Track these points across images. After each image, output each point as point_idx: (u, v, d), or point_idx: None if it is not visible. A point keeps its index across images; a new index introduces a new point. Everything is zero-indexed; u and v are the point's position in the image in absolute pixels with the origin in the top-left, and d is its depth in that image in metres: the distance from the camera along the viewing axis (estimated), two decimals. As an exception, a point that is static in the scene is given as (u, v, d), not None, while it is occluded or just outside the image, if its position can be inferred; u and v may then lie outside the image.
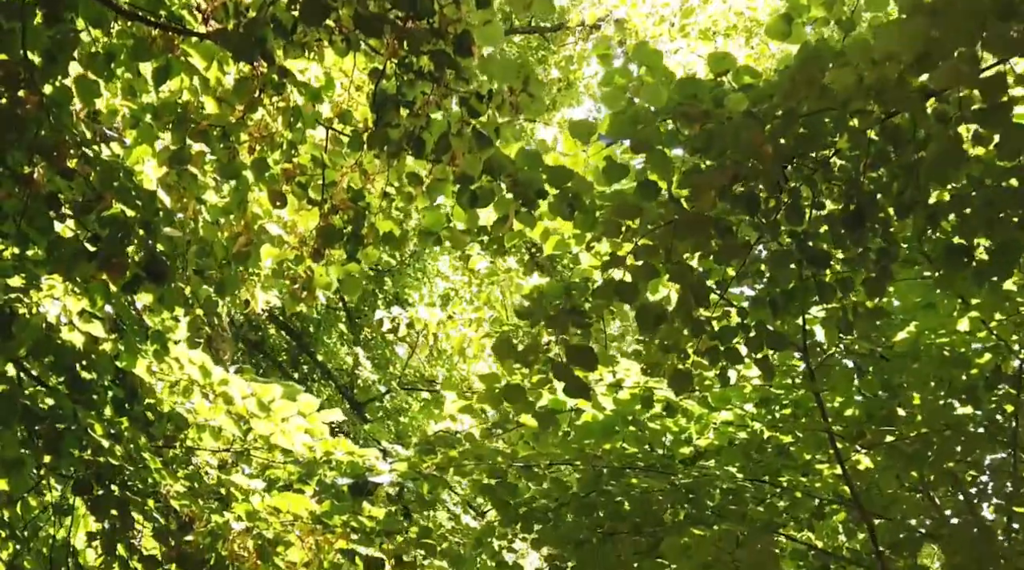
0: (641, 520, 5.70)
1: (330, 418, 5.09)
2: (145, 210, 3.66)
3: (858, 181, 4.03)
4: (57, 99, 3.59)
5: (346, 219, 3.98)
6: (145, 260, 3.62)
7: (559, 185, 3.67)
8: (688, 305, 4.19)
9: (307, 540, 4.74)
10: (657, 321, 4.08)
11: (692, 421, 5.44)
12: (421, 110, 3.29)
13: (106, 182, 3.58)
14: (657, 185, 4.02)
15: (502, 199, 3.76)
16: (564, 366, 3.67)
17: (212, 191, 4.66)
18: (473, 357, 10.00)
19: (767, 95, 3.81)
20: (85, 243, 3.68)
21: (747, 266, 4.40)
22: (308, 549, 4.75)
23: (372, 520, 4.78)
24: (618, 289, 4.04)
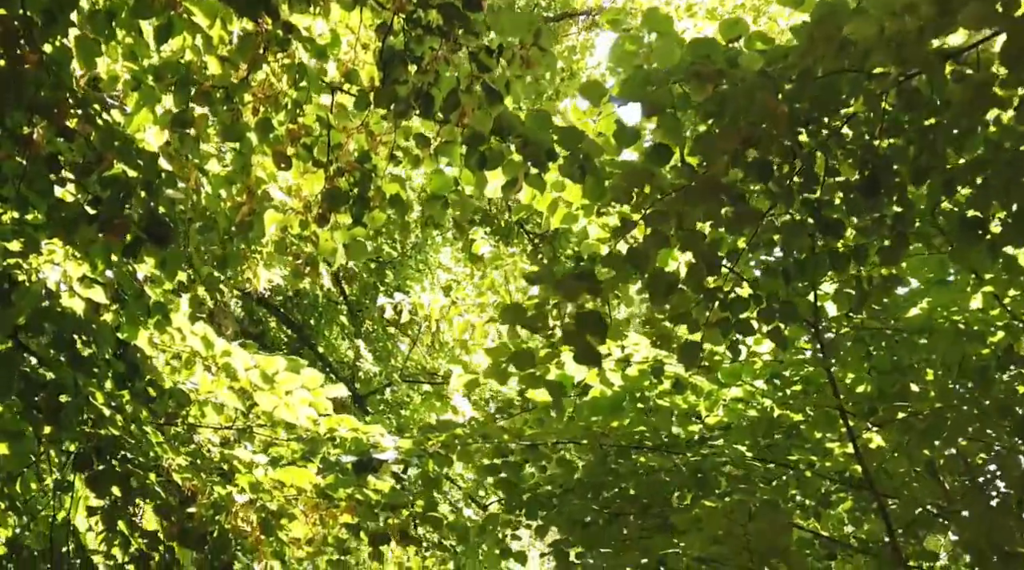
0: (648, 501, 5.64)
1: (334, 393, 5.02)
2: (147, 171, 3.59)
3: (873, 146, 3.97)
4: (57, 58, 3.53)
5: (352, 182, 3.91)
6: (146, 222, 3.55)
7: (570, 146, 3.60)
8: (699, 274, 4.13)
9: (311, 515, 4.68)
10: (668, 289, 4.02)
11: (701, 397, 5.37)
12: (429, 66, 3.22)
13: (106, 142, 3.51)
14: (668, 149, 3.96)
15: (511, 162, 3.69)
16: (574, 332, 3.60)
17: (215, 161, 4.59)
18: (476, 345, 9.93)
19: (782, 55, 3.74)
20: (85, 206, 3.61)
21: (759, 235, 4.33)
22: (312, 524, 4.68)
23: (377, 494, 4.71)
24: (629, 256, 3.97)
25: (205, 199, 4.46)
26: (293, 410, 4.75)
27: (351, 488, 4.66)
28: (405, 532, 4.70)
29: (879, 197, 4.05)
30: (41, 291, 3.99)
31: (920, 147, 3.91)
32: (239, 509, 4.57)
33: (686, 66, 3.68)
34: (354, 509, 4.60)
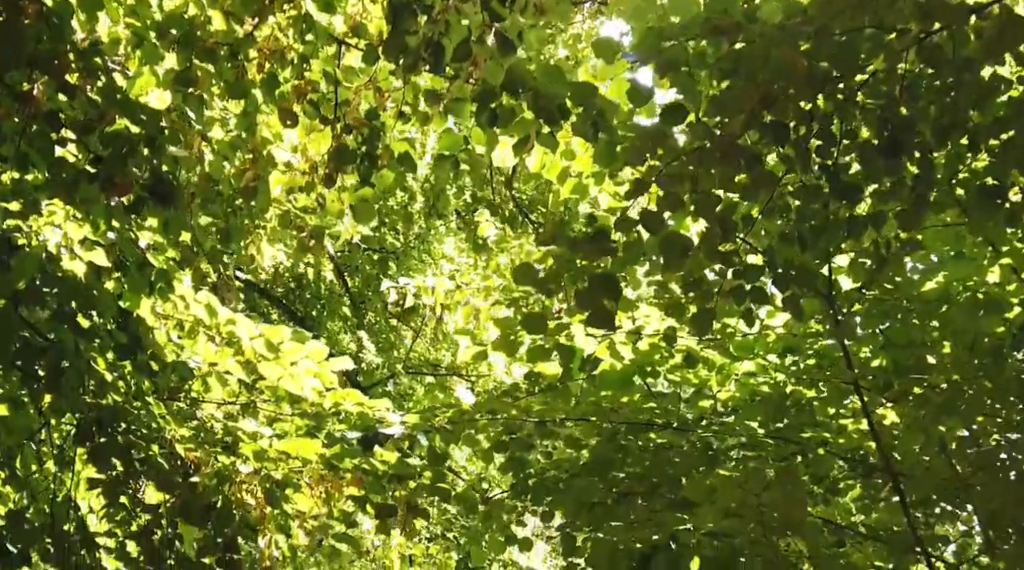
0: (658, 480, 5.56)
1: (340, 366, 4.94)
2: (150, 127, 3.51)
3: (893, 107, 3.89)
4: (57, 11, 3.45)
5: (360, 140, 3.83)
6: (149, 181, 3.47)
7: (584, 102, 3.52)
8: (714, 239, 4.05)
9: (316, 489, 4.60)
10: (682, 253, 3.94)
11: (713, 371, 5.29)
12: (440, 16, 3.14)
13: (108, 96, 3.43)
14: (683, 109, 3.88)
15: (523, 119, 3.61)
16: (588, 293, 3.52)
17: (218, 126, 4.52)
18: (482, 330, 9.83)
19: (800, 10, 3.66)
20: (87, 165, 3.53)
21: (774, 201, 4.25)
22: (317, 497, 4.61)
23: (384, 464, 4.63)
24: (642, 219, 3.89)
25: (209, 166, 4.38)
26: (298, 381, 4.67)
27: (357, 459, 4.58)
28: (412, 504, 4.62)
29: (899, 159, 3.97)
30: (41, 255, 3.92)
31: (942, 107, 3.83)
32: (244, 479, 4.48)
33: (702, 21, 3.60)
34: (360, 480, 4.52)
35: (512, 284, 5.20)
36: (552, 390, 5.87)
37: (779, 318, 5.28)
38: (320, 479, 4.65)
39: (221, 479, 4.48)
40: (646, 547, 5.21)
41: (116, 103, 3.42)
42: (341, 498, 4.69)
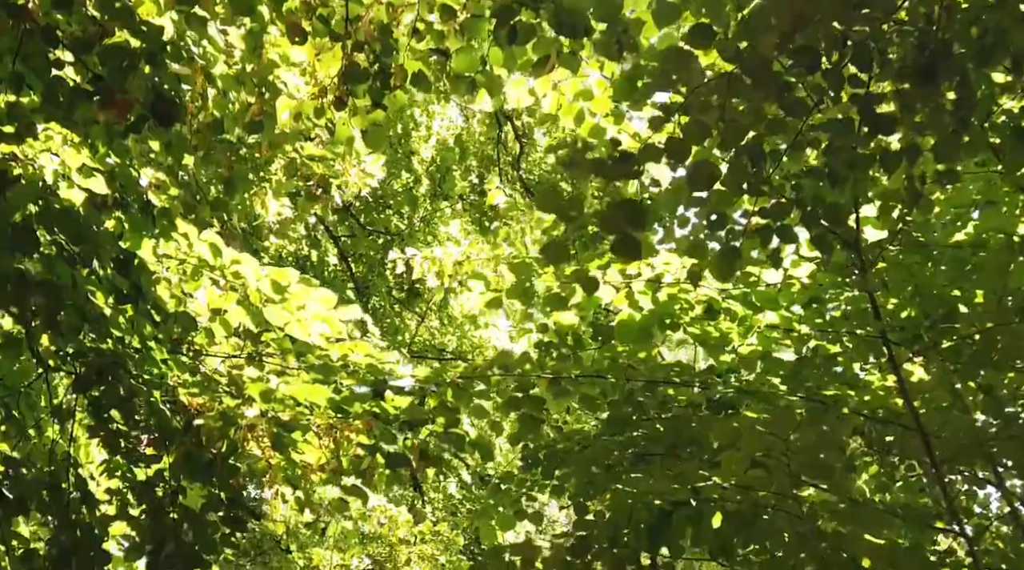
0: (676, 440, 5.40)
1: (348, 315, 4.78)
2: (151, 41, 3.35)
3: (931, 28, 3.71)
4: (52, -80, 3.29)
5: (371, 58, 3.67)
6: (151, 99, 3.32)
7: (607, 18, 3.35)
8: (742, 170, 3.89)
9: (325, 439, 4.44)
10: (710, 181, 3.77)
11: (735, 323, 5.12)
12: (457, -81, 2.98)
13: (106, 6, 3.27)
14: (711, 30, 3.71)
15: (543, 38, 3.45)
16: (613, 217, 3.35)
17: (222, 63, 4.35)
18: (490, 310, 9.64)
19: (836, -77, 3.49)
20: (85, 85, 3.37)
21: (803, 134, 4.08)
22: (326, 447, 4.45)
23: (396, 409, 4.47)
24: (667, 147, 3.73)
25: (212, 103, 4.22)
26: (305, 326, 4.51)
27: (368, 403, 4.42)
28: (424, 452, 4.47)
29: (936, 86, 3.79)
30: (37, 184, 3.76)
31: (984, 27, 3.65)
32: (250, 423, 4.32)
33: (732, -67, 3.44)
34: (371, 424, 4.36)
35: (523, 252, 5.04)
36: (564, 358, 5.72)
37: (804, 268, 5.11)
38: (328, 429, 4.49)
39: (226, 422, 4.31)
40: (665, 503, 5.06)
41: (116, 14, 3.25)
42: (351, 447, 4.53)
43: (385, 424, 4.37)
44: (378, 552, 11.00)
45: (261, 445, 4.47)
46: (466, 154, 19.22)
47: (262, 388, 4.39)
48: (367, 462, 4.51)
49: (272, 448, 4.43)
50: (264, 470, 4.60)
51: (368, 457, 4.50)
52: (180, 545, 4.61)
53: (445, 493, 16.18)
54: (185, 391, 4.44)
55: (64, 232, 3.82)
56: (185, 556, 4.58)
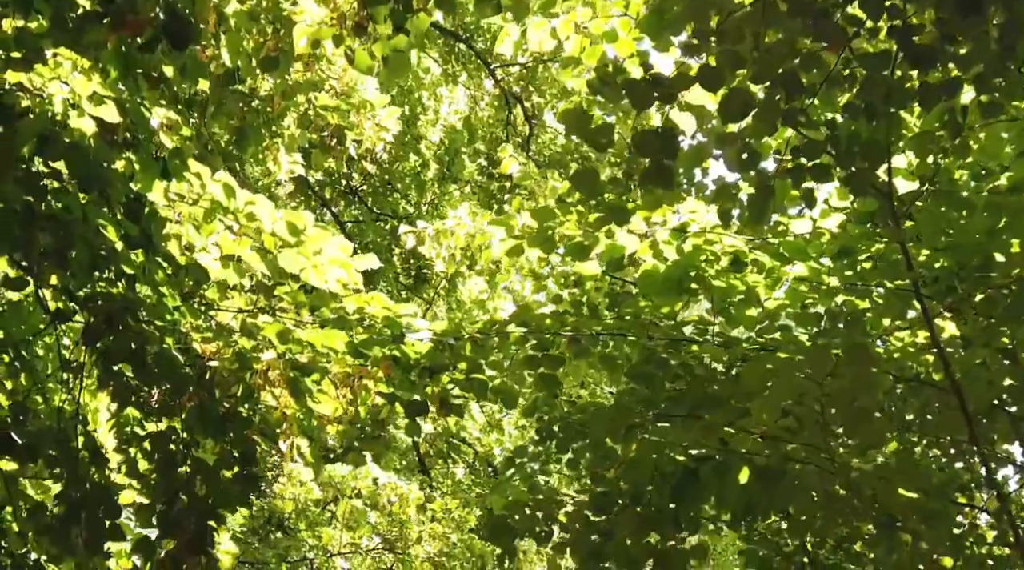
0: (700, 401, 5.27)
1: (365, 265, 4.66)
2: (164, -42, 3.25)
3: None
4: None
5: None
6: (164, 18, 3.20)
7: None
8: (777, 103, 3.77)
9: (341, 388, 4.33)
10: (743, 111, 3.65)
11: (763, 275, 4.99)
12: None
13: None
14: (746, -47, 3.59)
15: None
16: (648, 141, 3.24)
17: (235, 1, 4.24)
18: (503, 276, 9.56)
19: None
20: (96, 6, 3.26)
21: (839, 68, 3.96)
22: (343, 397, 4.34)
23: (416, 353, 4.35)
24: (700, 76, 3.61)
25: (226, 41, 4.11)
26: (322, 272, 4.39)
27: (387, 348, 4.30)
28: (445, 400, 4.35)
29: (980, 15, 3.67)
30: (47, 114, 3.65)
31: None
32: (267, 366, 4.20)
33: None
34: (390, 368, 4.25)
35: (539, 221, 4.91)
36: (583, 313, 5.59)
37: (833, 219, 4.99)
38: (345, 378, 4.37)
39: (242, 364, 4.20)
40: (689, 461, 4.95)
41: (128, -72, 3.15)
42: (369, 396, 4.42)
43: (405, 371, 4.26)
44: (388, 530, 10.91)
45: (276, 394, 4.36)
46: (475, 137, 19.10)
47: (279, 328, 4.27)
48: (385, 411, 4.40)
49: (289, 394, 4.31)
50: (279, 421, 4.49)
51: (387, 406, 4.39)
52: (193, 499, 4.51)
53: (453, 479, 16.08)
54: (199, 336, 4.32)
55: (74, 167, 3.71)
56: (198, 510, 4.48)
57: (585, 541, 4.81)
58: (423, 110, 18.57)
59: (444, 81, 18.17)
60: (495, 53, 16.20)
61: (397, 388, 4.36)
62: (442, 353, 4.30)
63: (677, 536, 4.98)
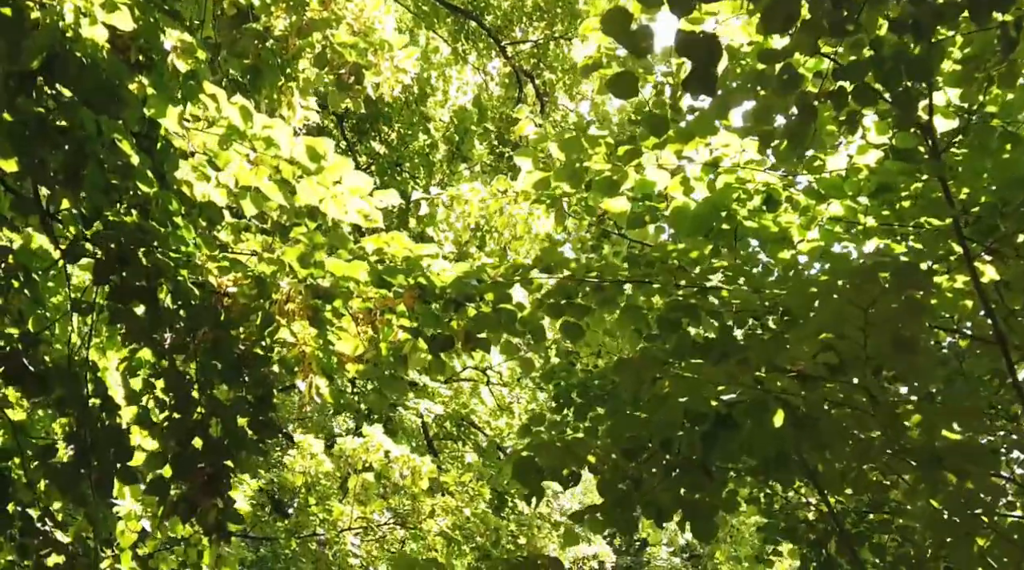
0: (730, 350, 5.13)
1: (386, 201, 4.52)
2: None
3: None
4: None
5: None
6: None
7: None
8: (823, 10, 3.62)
9: (362, 323, 4.19)
10: (787, 22, 3.50)
11: (797, 213, 4.84)
12: None
13: None
14: None
15: None
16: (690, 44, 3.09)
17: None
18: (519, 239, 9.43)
19: None
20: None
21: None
22: (364, 334, 4.20)
23: (441, 280, 4.20)
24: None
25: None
26: (342, 203, 4.25)
27: (412, 276, 4.15)
28: (471, 334, 4.21)
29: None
30: (58, 24, 3.51)
31: None
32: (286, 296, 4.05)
33: None
34: (414, 296, 4.10)
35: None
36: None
37: (871, 155, 4.84)
38: (367, 314, 4.23)
39: (261, 291, 4.04)
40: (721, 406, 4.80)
41: None
42: (391, 333, 4.28)
43: (429, 302, 4.11)
44: (400, 504, 10.77)
45: (295, 331, 4.21)
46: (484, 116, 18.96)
47: (300, 251, 4.13)
48: (408, 347, 4.26)
49: (309, 324, 4.17)
50: (298, 359, 4.36)
51: (409, 341, 4.25)
52: (208, 440, 4.39)
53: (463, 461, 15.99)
54: (215, 265, 4.18)
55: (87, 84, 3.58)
56: (214, 451, 4.35)
57: (613, 488, 4.67)
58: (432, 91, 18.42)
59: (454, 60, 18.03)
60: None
61: (421, 323, 4.21)
62: (469, 283, 4.16)
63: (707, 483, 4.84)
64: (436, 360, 4.27)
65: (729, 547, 11.79)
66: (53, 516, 4.83)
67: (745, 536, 11.34)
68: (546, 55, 18.51)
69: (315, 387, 4.40)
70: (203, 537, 6.56)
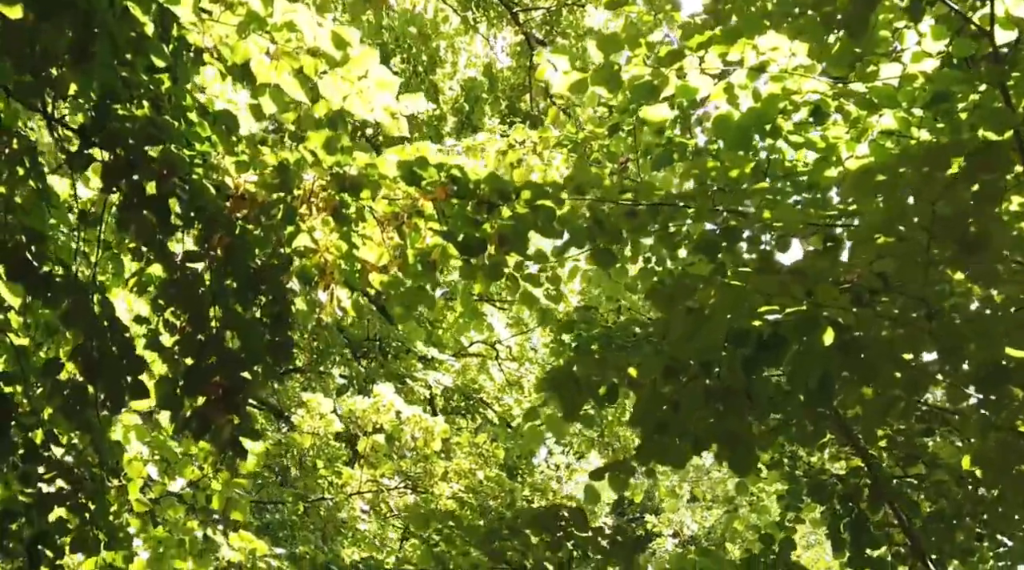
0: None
1: (412, 107, 4.28)
2: None
3: None
4: None
5: None
6: None
7: None
8: None
9: (388, 228, 3.96)
10: None
11: (848, 124, 4.60)
12: None
13: None
14: None
15: None
16: None
17: None
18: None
19: None
20: None
21: None
22: (389, 240, 3.97)
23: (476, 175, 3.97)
24: None
25: None
26: (367, 99, 4.01)
27: (444, 170, 3.92)
28: (504, 236, 3.97)
29: None
30: None
31: None
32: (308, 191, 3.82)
33: None
34: (446, 191, 3.87)
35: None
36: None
37: (927, 63, 4.59)
38: (393, 217, 4.00)
39: (283, 177, 3.81)
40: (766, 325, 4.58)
41: None
42: (419, 238, 4.05)
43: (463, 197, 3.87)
44: (411, 469, 10.56)
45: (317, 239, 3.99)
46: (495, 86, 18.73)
47: (326, 136, 3.88)
48: (437, 252, 4.03)
49: (333, 219, 3.94)
50: (319, 267, 4.13)
51: (438, 246, 4.02)
52: (222, 354, 4.17)
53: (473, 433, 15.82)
54: (233, 161, 3.95)
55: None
56: (229, 365, 4.13)
57: (652, 410, 4.45)
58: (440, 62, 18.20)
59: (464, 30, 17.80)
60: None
61: (452, 225, 3.98)
62: (504, 179, 3.93)
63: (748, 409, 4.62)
64: (466, 266, 4.04)
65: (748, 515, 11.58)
66: (58, 439, 4.62)
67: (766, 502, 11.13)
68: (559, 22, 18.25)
69: (336, 299, 4.17)
70: (212, 480, 6.37)
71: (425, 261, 4.07)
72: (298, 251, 4.06)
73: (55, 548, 4.82)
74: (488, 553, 7.09)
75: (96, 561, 4.94)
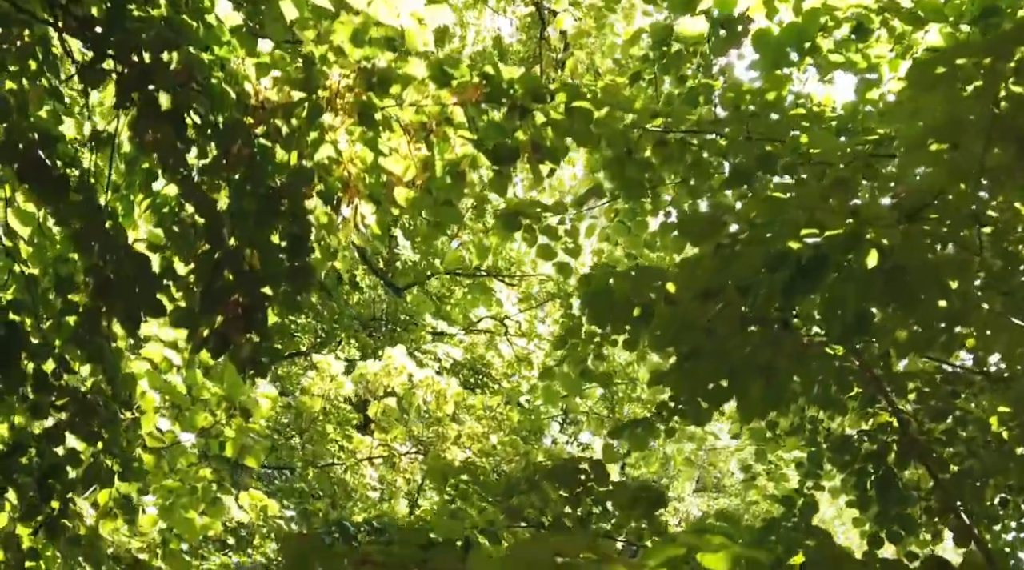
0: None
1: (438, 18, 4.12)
2: None
3: None
4: None
5: None
6: None
7: None
8: None
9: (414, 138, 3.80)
10: None
11: (891, 40, 4.44)
12: None
13: None
14: None
15: None
16: None
17: None
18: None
19: None
20: None
21: None
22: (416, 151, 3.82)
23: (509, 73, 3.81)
24: None
25: None
26: (392, 4, 3.85)
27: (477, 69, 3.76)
28: (538, 144, 3.82)
29: None
30: None
31: None
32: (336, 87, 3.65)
33: None
34: (479, 90, 3.71)
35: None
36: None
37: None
38: (421, 127, 3.84)
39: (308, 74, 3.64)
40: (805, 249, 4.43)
41: None
42: (448, 148, 3.90)
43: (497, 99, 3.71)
44: (423, 433, 10.42)
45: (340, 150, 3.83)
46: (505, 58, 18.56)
47: (353, 27, 3.71)
48: (466, 162, 3.88)
49: (360, 121, 3.78)
50: (342, 180, 3.98)
51: (467, 157, 3.87)
52: (239, 273, 4.03)
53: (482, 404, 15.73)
54: (254, 62, 3.79)
55: None
56: (248, 282, 3.99)
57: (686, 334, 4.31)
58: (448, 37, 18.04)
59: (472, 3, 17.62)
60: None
61: (483, 133, 3.83)
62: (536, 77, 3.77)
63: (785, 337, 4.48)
64: (497, 176, 3.89)
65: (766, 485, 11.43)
66: (69, 366, 4.48)
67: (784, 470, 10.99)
68: (572, -10, 18.03)
69: (360, 215, 4.02)
70: (224, 427, 6.22)
71: (454, 172, 3.93)
72: (320, 164, 3.91)
73: (66, 482, 4.69)
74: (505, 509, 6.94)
75: (110, 492, 4.82)
